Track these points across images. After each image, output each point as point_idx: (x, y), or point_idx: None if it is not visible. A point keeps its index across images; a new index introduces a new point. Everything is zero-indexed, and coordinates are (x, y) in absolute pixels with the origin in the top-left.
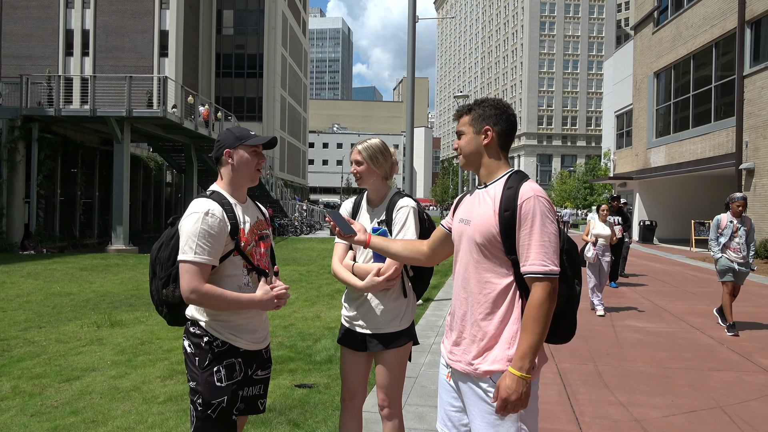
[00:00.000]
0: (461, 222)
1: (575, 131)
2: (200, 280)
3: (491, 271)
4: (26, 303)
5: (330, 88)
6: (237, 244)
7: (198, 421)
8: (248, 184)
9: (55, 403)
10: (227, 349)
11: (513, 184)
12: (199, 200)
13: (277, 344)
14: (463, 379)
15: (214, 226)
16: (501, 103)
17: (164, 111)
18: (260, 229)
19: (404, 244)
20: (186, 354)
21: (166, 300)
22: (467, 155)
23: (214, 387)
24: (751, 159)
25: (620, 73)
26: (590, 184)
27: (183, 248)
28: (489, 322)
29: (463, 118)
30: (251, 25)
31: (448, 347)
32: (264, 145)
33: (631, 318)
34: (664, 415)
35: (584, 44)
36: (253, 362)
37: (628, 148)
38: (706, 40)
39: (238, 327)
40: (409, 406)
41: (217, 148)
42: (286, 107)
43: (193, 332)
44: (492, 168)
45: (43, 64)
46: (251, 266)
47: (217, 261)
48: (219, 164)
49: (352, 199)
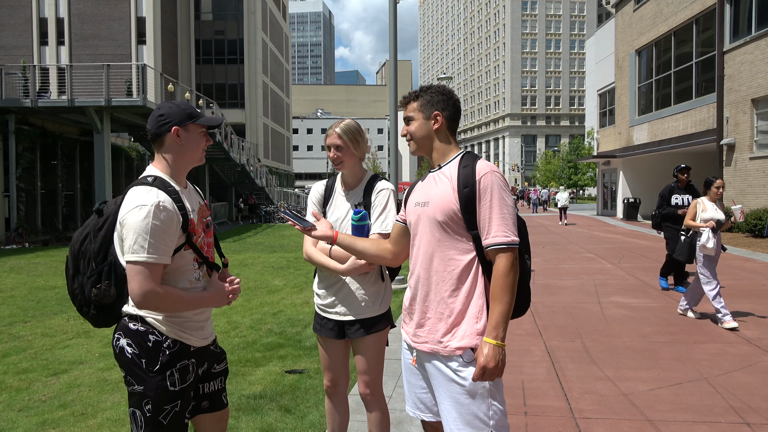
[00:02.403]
0: (417, 205)
1: (559, 111)
2: (155, 282)
3: (454, 248)
4: (10, 298)
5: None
6: (188, 238)
7: (146, 426)
8: (193, 166)
9: (43, 398)
10: (179, 349)
11: (468, 163)
12: (141, 189)
13: (267, 331)
14: (429, 360)
15: (166, 220)
16: (446, 89)
17: (144, 99)
18: (204, 216)
19: (371, 242)
20: (125, 356)
21: (95, 300)
22: (418, 140)
23: (167, 392)
24: (731, 134)
25: (602, 51)
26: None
27: (132, 247)
28: (455, 299)
29: (411, 105)
30: (230, 10)
31: (411, 330)
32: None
33: (616, 294)
34: (651, 388)
35: (566, 23)
36: (205, 360)
37: (611, 126)
38: (687, 17)
39: (187, 323)
40: (400, 389)
41: (161, 122)
42: (268, 93)
43: (134, 330)
44: (443, 150)
45: (16, 54)
46: (202, 259)
47: (170, 259)
48: (158, 143)
49: (323, 182)
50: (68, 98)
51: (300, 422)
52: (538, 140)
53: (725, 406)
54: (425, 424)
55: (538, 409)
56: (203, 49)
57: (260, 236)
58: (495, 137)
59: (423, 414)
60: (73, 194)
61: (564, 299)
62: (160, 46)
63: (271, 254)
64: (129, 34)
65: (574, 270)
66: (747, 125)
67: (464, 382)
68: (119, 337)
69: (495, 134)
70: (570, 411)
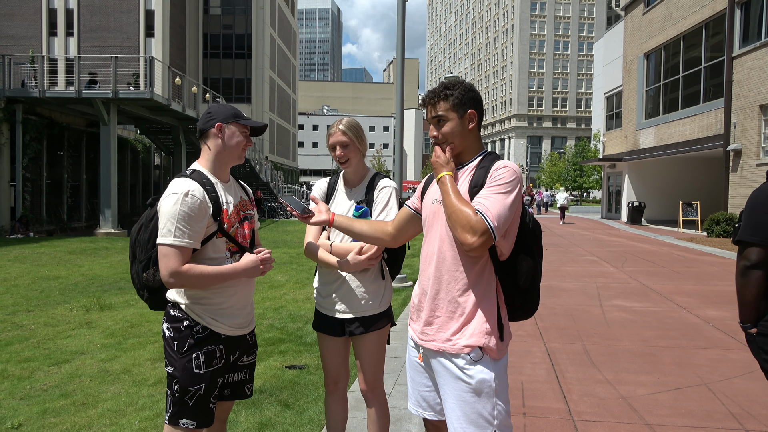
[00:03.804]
0: (435, 202)
1: (565, 113)
2: (180, 264)
3: None
4: (14, 287)
5: (319, 69)
6: (220, 226)
7: (174, 406)
8: (234, 163)
9: (45, 387)
10: (208, 335)
11: (486, 164)
12: (178, 180)
13: (268, 326)
14: (436, 358)
15: (195, 207)
16: (473, 86)
17: (151, 92)
18: (244, 209)
19: (369, 224)
20: (165, 338)
21: (146, 284)
22: (453, 141)
23: (192, 373)
24: (738, 140)
25: (610, 54)
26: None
27: (162, 231)
28: (467, 298)
29: (440, 104)
30: (239, 5)
31: (418, 328)
32: (252, 130)
33: (618, 297)
34: (651, 392)
35: (575, 25)
36: (236, 348)
37: (618, 129)
38: (696, 21)
39: (219, 311)
40: (400, 386)
41: (208, 119)
42: (275, 89)
43: (173, 315)
44: (470, 150)
45: (26, 45)
46: (237, 247)
47: (198, 244)
48: (204, 138)
49: (326, 179)
50: (76, 89)
51: (299, 417)
52: (544, 142)
53: (725, 412)
54: (427, 422)
55: (536, 411)
56: (211, 43)
57: (264, 231)
58: (501, 138)
59: (425, 412)
60: (78, 185)
61: (565, 301)
62: (168, 39)
63: (275, 249)
64: (138, 27)
65: (577, 272)
66: (755, 131)
67: (470, 380)
68: (164, 320)
69: (501, 135)
70: (569, 413)
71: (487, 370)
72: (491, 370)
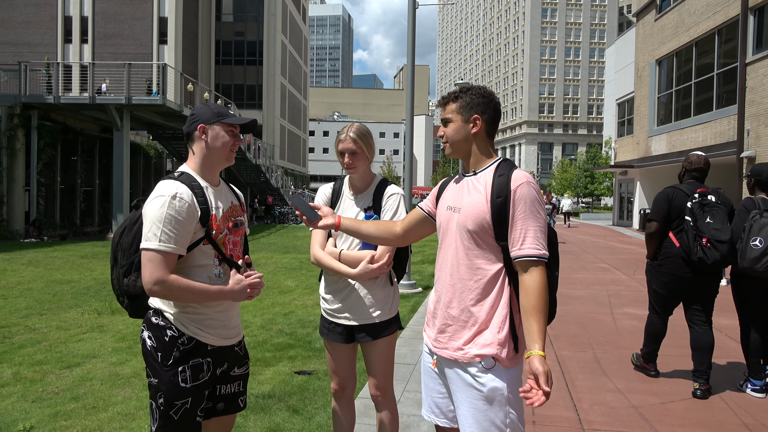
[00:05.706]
0: (449, 210)
1: (576, 119)
2: (165, 270)
3: (482, 257)
4: (27, 290)
5: (330, 75)
6: (207, 232)
7: (160, 419)
8: (222, 165)
9: (56, 390)
10: (194, 347)
11: (504, 172)
12: (165, 182)
13: (277, 331)
14: (449, 366)
15: (182, 211)
16: (487, 91)
17: (163, 98)
18: (234, 215)
19: (376, 225)
20: (145, 347)
21: (127, 290)
22: (455, 143)
23: (178, 387)
24: (752, 147)
25: (622, 60)
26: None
27: (146, 235)
28: (480, 307)
29: (449, 106)
30: (251, 12)
31: (433, 335)
32: (242, 128)
33: (629, 305)
34: (662, 401)
35: (586, 31)
36: (224, 360)
37: (629, 136)
38: (709, 27)
39: (206, 321)
40: (408, 393)
41: (191, 122)
42: (286, 95)
43: (155, 323)
44: (481, 156)
45: (41, 51)
46: (221, 256)
47: (184, 250)
48: (190, 141)
49: (330, 185)
50: (90, 95)
51: (307, 423)
52: (555, 148)
53: (737, 422)
54: (439, 429)
55: (546, 419)
56: (223, 50)
57: (274, 237)
58: (512, 144)
59: (438, 419)
60: (91, 190)
61: (576, 309)
62: (181, 46)
63: (284, 255)
64: (151, 34)
65: (588, 280)
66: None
67: (483, 388)
68: (143, 329)
69: (512, 141)
70: (579, 422)
71: (499, 378)
72: (504, 378)
